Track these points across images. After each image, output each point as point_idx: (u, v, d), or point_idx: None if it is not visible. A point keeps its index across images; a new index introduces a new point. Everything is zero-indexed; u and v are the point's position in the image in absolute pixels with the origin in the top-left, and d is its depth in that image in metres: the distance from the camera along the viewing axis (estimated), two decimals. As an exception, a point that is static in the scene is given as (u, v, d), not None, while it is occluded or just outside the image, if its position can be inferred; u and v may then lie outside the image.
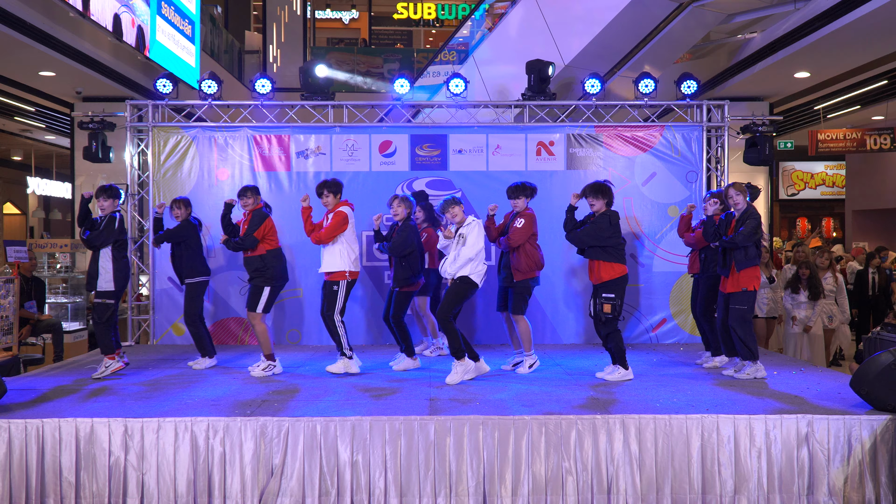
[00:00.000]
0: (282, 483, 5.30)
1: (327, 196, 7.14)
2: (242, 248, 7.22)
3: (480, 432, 5.34)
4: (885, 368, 5.44)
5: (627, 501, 5.31)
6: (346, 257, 7.06)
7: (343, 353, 7.14)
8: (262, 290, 7.17)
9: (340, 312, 7.10)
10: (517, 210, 7.28)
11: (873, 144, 14.33)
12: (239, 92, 15.40)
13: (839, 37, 9.85)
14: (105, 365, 7.11)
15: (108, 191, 7.17)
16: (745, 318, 6.77)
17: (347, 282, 7.11)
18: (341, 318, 7.12)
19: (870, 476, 5.34)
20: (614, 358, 6.87)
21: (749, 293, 6.74)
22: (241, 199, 7.37)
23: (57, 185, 20.10)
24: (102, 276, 7.07)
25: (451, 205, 6.89)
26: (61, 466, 5.29)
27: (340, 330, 7.09)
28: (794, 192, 19.81)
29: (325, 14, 23.18)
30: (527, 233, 7.14)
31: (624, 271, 6.75)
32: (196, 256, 7.68)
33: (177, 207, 7.78)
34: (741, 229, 6.65)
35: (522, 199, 7.25)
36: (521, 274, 7.15)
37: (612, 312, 6.67)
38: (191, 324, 7.62)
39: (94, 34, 10.14)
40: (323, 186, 7.18)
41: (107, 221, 7.08)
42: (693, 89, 9.31)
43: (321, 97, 9.35)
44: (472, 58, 12.26)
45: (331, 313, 7.07)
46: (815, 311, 8.95)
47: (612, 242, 6.72)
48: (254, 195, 7.37)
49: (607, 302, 6.67)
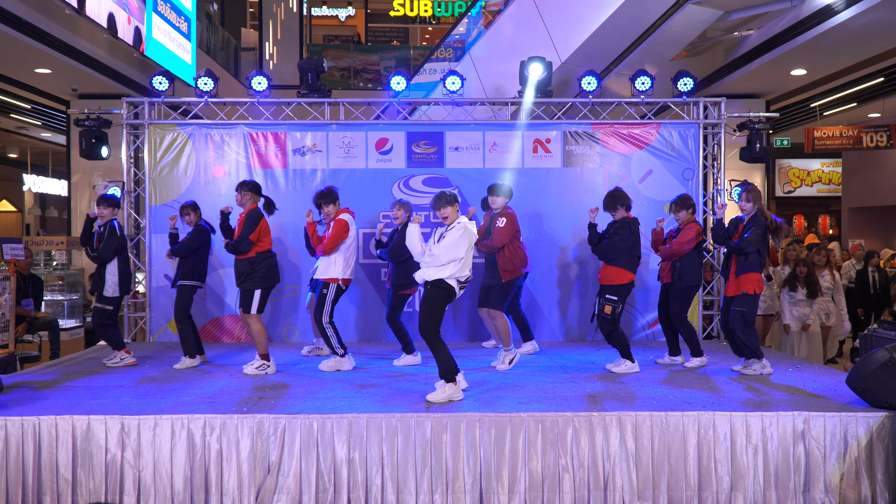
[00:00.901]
0: (279, 480, 5.30)
1: (327, 207, 7.22)
2: (237, 252, 7.08)
3: (477, 429, 5.34)
4: (881, 365, 5.44)
5: (624, 498, 5.32)
6: (339, 266, 7.14)
7: (335, 352, 7.20)
8: (252, 293, 7.09)
9: (329, 315, 7.16)
10: (496, 210, 7.30)
11: (869, 142, 14.35)
12: (235, 89, 15.37)
13: (835, 34, 9.86)
14: (120, 357, 7.40)
15: (109, 200, 7.38)
16: (746, 319, 6.82)
17: (338, 286, 7.17)
18: (330, 321, 7.17)
19: (866, 473, 5.36)
20: (621, 352, 7.06)
21: (749, 297, 6.77)
22: (237, 193, 7.20)
23: (53, 182, 20.04)
24: (109, 284, 7.33)
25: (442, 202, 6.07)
26: (58, 464, 5.28)
27: (329, 331, 7.16)
28: (791, 190, 19.82)
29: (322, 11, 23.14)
30: (509, 232, 7.21)
31: (631, 279, 6.99)
32: (199, 262, 7.61)
33: (186, 213, 7.62)
34: (746, 235, 6.74)
35: (501, 198, 7.28)
36: (509, 274, 7.26)
37: (611, 314, 6.86)
38: (179, 321, 7.58)
39: (90, 31, 10.11)
40: (320, 198, 7.23)
41: (108, 233, 7.26)
42: (689, 87, 9.32)
43: (317, 94, 9.34)
44: (468, 55, 12.25)
45: (319, 316, 7.17)
46: (813, 309, 8.96)
47: (635, 252, 7.04)
48: (250, 192, 7.16)
49: (609, 304, 6.91)
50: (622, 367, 7.01)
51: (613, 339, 7.00)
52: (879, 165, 17.34)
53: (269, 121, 9.39)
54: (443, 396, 5.78)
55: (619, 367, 7.03)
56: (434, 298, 5.94)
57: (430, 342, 5.92)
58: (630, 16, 10.25)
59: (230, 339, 9.29)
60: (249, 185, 7.21)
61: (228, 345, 9.06)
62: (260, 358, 7.15)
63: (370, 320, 9.27)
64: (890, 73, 12.07)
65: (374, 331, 9.26)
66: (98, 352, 8.35)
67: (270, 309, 8.98)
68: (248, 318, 7.14)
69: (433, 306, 5.94)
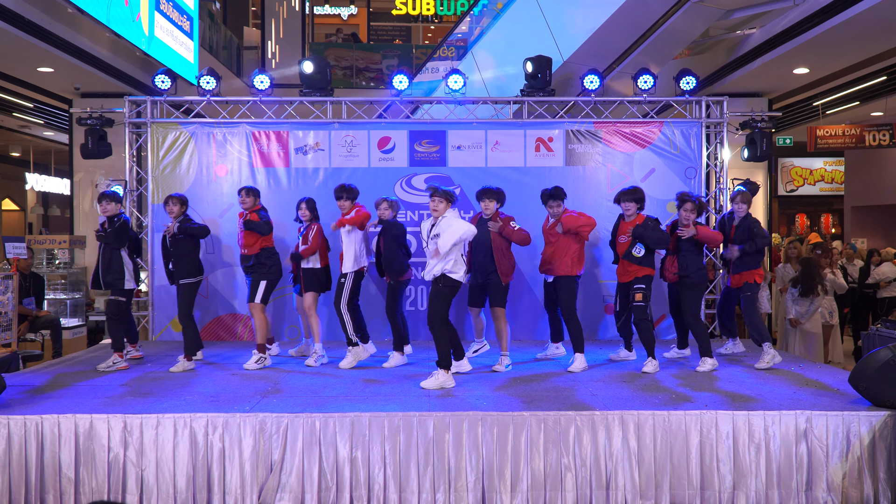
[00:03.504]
0: (281, 479, 5.30)
1: (345, 201, 7.45)
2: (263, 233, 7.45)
3: (479, 428, 5.34)
4: (883, 364, 5.45)
5: (626, 497, 5.32)
6: (352, 260, 7.35)
7: (349, 341, 7.36)
8: (258, 283, 7.45)
9: (347, 303, 7.34)
10: (488, 214, 7.29)
11: (872, 140, 14.31)
12: (237, 88, 15.35)
13: (838, 33, 9.82)
14: (112, 361, 7.32)
15: (111, 196, 7.46)
16: (752, 302, 7.40)
17: (354, 272, 7.37)
18: (347, 308, 7.34)
19: (868, 472, 5.36)
20: (647, 350, 7.15)
21: (751, 285, 7.44)
22: (240, 196, 7.62)
23: (55, 181, 20.04)
24: (127, 277, 7.41)
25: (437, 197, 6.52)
26: (60, 462, 5.30)
27: (346, 317, 7.33)
28: (793, 189, 19.78)
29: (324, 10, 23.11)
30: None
31: (652, 272, 7.21)
32: (190, 258, 7.53)
33: (172, 204, 7.51)
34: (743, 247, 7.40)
35: (494, 202, 7.28)
36: (506, 277, 7.32)
37: (643, 300, 7.06)
38: (184, 319, 7.52)
39: (92, 30, 10.10)
40: (342, 191, 7.48)
41: (120, 224, 7.32)
42: (692, 85, 9.31)
43: (320, 93, 9.34)
44: (470, 54, 12.24)
45: (337, 303, 7.33)
46: (811, 307, 8.92)
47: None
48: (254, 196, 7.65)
49: (639, 291, 7.10)
50: (649, 367, 7.04)
51: (643, 330, 7.07)
52: (882, 164, 17.31)
53: (271, 119, 9.39)
54: (435, 383, 6.29)
55: (647, 366, 7.06)
56: (442, 294, 6.46)
57: (433, 330, 6.46)
58: (632, 14, 10.22)
59: (231, 338, 9.29)
60: (255, 192, 7.68)
61: (230, 343, 9.07)
62: (258, 351, 7.40)
63: (368, 319, 9.24)
64: (892, 71, 12.04)
65: (373, 330, 9.24)
66: (100, 350, 8.35)
67: (274, 307, 8.98)
68: (252, 307, 7.48)
69: (441, 301, 6.47)
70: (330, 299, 8.06)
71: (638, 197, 7.27)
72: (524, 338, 9.18)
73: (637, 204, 7.25)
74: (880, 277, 11.36)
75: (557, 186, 7.46)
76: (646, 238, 7.01)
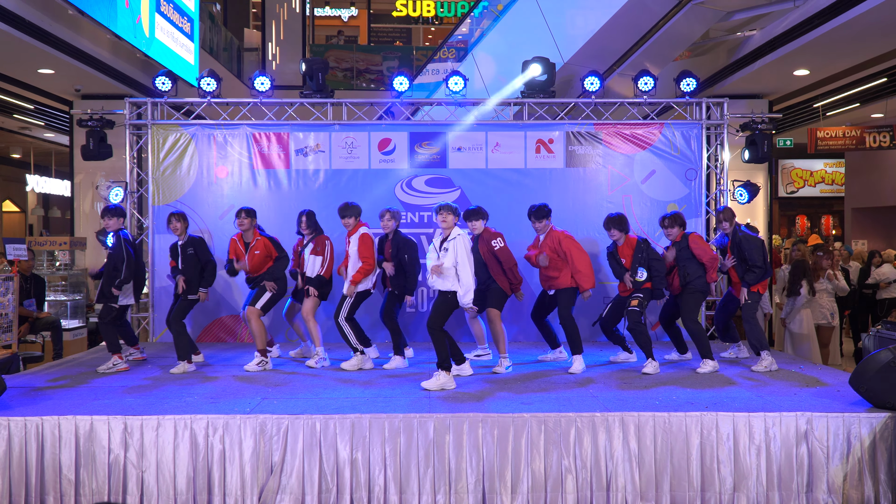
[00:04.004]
0: (281, 480, 5.30)
1: (348, 219, 7.44)
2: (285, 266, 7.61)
3: (480, 430, 5.34)
4: (884, 366, 5.44)
5: (627, 499, 5.31)
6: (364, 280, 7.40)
7: (355, 350, 7.41)
8: (264, 291, 7.53)
9: (346, 317, 7.41)
10: (476, 232, 7.34)
11: (872, 142, 14.31)
12: (238, 90, 15.36)
13: (838, 34, 9.81)
14: (112, 363, 7.32)
15: (113, 211, 7.49)
16: (752, 310, 7.37)
17: (357, 293, 7.42)
18: (346, 319, 7.40)
19: (869, 474, 5.35)
20: (645, 352, 7.19)
21: (753, 293, 7.41)
22: (238, 218, 7.58)
23: (56, 182, 20.05)
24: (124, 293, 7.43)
25: (444, 210, 6.69)
26: (61, 464, 5.29)
27: (346, 328, 7.40)
28: (794, 190, 19.78)
29: (324, 12, 23.13)
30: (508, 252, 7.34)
31: (649, 285, 7.23)
32: (197, 274, 7.57)
33: (175, 220, 7.55)
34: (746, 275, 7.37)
35: (481, 221, 7.32)
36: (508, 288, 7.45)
37: (639, 306, 7.10)
38: (175, 324, 7.43)
39: (92, 32, 10.10)
40: (346, 210, 7.44)
41: (115, 246, 7.32)
42: (692, 87, 9.31)
43: (320, 95, 9.34)
44: (471, 55, 12.25)
45: (336, 317, 7.42)
46: (794, 307, 8.88)
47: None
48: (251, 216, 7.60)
49: (636, 297, 7.16)
50: (649, 368, 7.08)
51: (638, 334, 7.09)
52: (882, 166, 17.30)
53: (271, 121, 9.40)
54: (437, 384, 6.35)
55: (646, 367, 7.10)
56: (446, 304, 6.60)
57: (432, 333, 6.53)
58: (633, 16, 10.22)
59: (232, 339, 9.29)
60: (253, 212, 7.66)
61: (230, 345, 9.07)
62: (258, 354, 7.42)
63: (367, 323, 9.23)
64: (893, 73, 12.04)
65: (372, 333, 9.23)
66: (101, 352, 8.35)
67: (274, 310, 8.96)
68: (251, 313, 7.48)
69: (444, 310, 6.61)
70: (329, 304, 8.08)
71: (622, 226, 7.33)
72: (525, 340, 9.18)
73: (622, 232, 7.31)
74: (880, 278, 11.36)
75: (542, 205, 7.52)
76: (652, 270, 7.16)
